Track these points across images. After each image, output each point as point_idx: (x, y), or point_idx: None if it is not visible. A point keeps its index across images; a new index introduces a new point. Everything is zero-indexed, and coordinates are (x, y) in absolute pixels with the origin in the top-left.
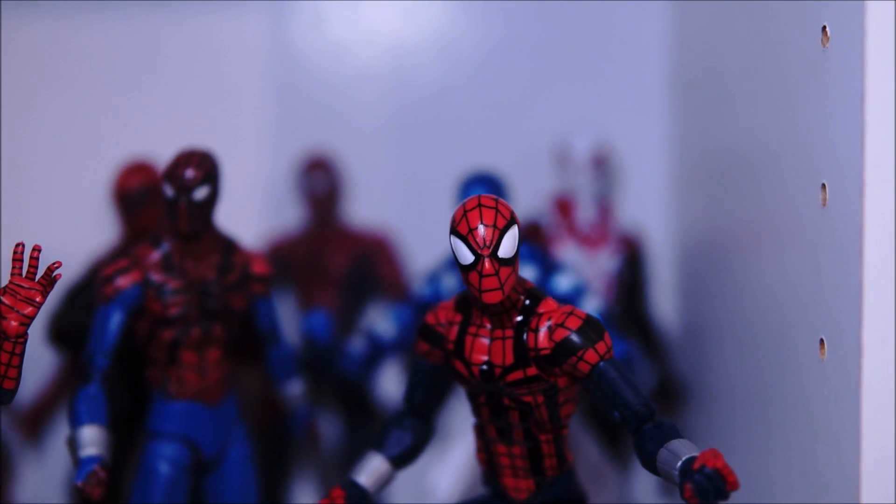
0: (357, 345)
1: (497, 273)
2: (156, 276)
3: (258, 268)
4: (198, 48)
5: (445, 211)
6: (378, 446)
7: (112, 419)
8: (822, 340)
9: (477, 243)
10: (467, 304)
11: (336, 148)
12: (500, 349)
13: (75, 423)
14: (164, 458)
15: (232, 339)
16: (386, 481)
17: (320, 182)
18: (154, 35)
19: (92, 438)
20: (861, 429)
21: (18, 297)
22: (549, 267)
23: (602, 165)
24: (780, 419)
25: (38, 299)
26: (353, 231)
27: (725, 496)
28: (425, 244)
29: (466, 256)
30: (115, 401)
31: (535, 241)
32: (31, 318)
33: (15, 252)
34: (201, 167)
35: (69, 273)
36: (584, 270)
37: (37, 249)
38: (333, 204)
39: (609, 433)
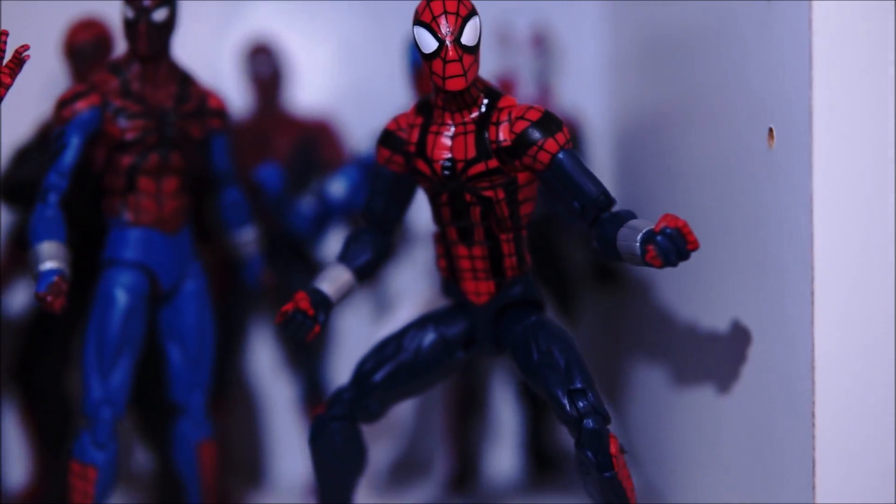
0: (308, 203)
1: (461, 59)
2: (114, 101)
3: (214, 102)
4: None
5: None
6: (340, 257)
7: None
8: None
9: (440, 30)
10: (428, 106)
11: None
12: (462, 144)
13: (34, 240)
14: (122, 286)
15: (189, 170)
16: (348, 291)
17: (264, 66)
18: None
19: (51, 253)
20: None
21: None
22: None
23: (542, 44)
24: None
25: (6, 81)
26: (296, 115)
27: (686, 255)
28: (367, 127)
29: (430, 44)
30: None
31: None
32: (0, 98)
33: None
34: None
35: (20, 134)
36: None
37: (5, 34)
38: (277, 88)
39: (537, 408)
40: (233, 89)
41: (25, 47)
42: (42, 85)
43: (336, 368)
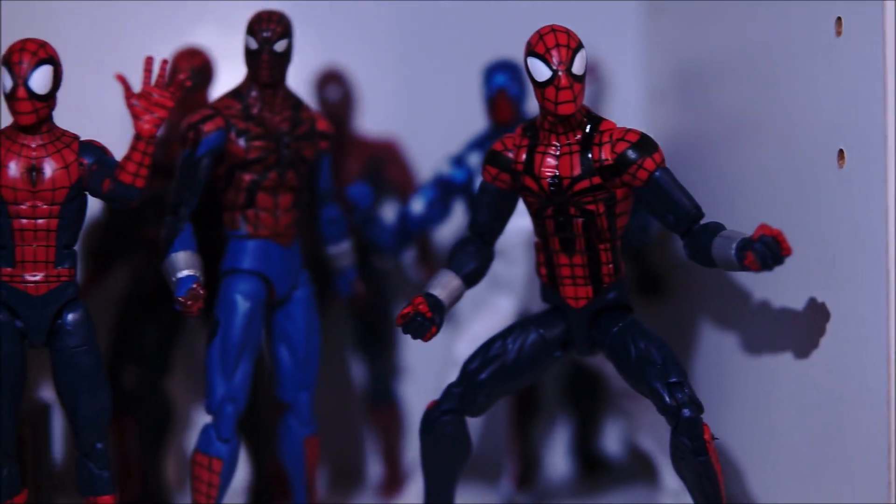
0: (389, 218)
1: (571, 87)
2: (237, 124)
3: (322, 125)
4: None
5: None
6: (449, 265)
7: None
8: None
9: (553, 60)
10: (534, 128)
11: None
12: (568, 163)
13: (170, 250)
14: (242, 293)
15: (302, 187)
16: (458, 297)
17: (335, 92)
18: None
19: (187, 262)
20: None
21: (151, 101)
22: None
23: (590, 74)
24: None
25: (168, 104)
26: (365, 138)
27: (781, 261)
28: (431, 148)
29: (543, 73)
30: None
31: None
32: (163, 119)
33: (146, 64)
34: (281, 23)
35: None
36: None
37: (165, 61)
38: (347, 113)
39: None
40: None
41: (187, 73)
42: None
43: (405, 370)
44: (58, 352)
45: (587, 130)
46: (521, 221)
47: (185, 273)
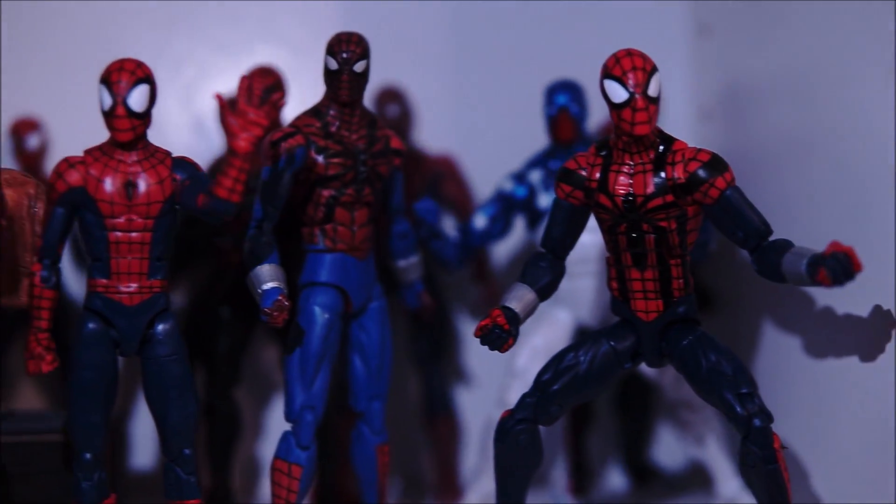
0: (454, 234)
1: (647, 108)
2: (318, 141)
3: (395, 143)
4: None
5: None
6: (523, 279)
7: None
8: None
9: (630, 83)
10: (607, 147)
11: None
12: (642, 181)
13: (254, 263)
14: (321, 305)
15: (377, 203)
16: (532, 309)
17: (394, 109)
18: None
19: (272, 274)
20: None
21: (247, 120)
22: None
23: None
24: None
25: (263, 123)
26: (422, 154)
27: (853, 276)
28: (486, 165)
29: (620, 95)
30: None
31: None
32: (258, 138)
33: (241, 83)
34: (360, 44)
35: None
36: None
37: (259, 81)
38: (407, 130)
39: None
40: None
41: (280, 94)
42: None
43: (465, 381)
44: (148, 360)
45: (660, 150)
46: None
47: (270, 285)
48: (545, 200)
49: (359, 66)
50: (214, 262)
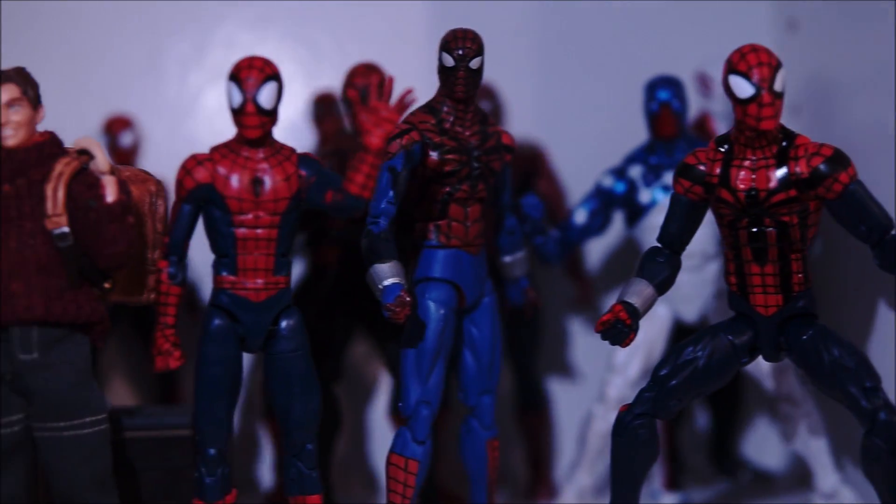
0: (555, 230)
1: (773, 104)
2: (433, 138)
3: (506, 139)
4: None
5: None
6: (641, 274)
7: None
8: None
9: (756, 78)
10: (728, 142)
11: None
12: (764, 176)
13: (374, 259)
14: (436, 300)
15: (489, 199)
16: (651, 304)
17: (483, 106)
18: None
19: (392, 270)
20: None
21: (379, 116)
22: None
23: None
24: None
25: (395, 119)
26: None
27: None
28: (576, 160)
29: (746, 90)
30: None
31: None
32: (390, 134)
33: (373, 80)
34: (476, 41)
35: None
36: None
37: (391, 79)
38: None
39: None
40: None
41: (410, 90)
42: None
43: (559, 375)
44: (273, 356)
45: (783, 145)
46: None
47: (391, 281)
48: (645, 196)
49: (474, 63)
50: (313, 258)
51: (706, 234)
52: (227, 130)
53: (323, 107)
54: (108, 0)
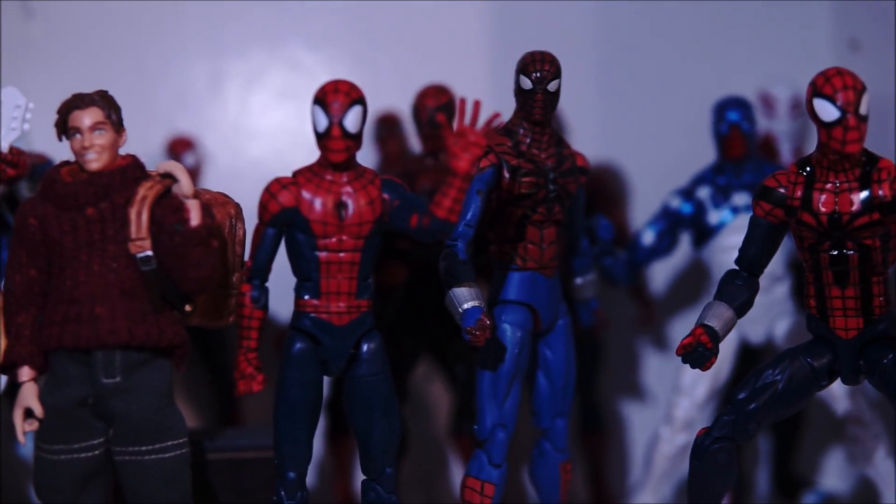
0: (623, 251)
1: (858, 127)
2: (510, 160)
3: (581, 161)
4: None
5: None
6: (720, 297)
7: None
8: None
9: (841, 101)
10: (809, 165)
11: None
12: (847, 199)
13: (452, 282)
14: (512, 322)
15: (564, 221)
16: (731, 327)
17: None
18: None
19: (471, 293)
20: None
21: (467, 140)
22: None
23: (798, 109)
24: None
25: (482, 142)
26: None
27: None
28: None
29: (832, 114)
30: None
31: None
32: (478, 157)
33: (460, 105)
34: (553, 64)
35: None
36: None
37: (478, 102)
38: None
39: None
40: None
41: (498, 115)
42: None
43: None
44: (353, 379)
45: (866, 168)
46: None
47: (470, 304)
48: (714, 217)
49: (552, 86)
50: (378, 279)
51: (774, 256)
52: (287, 151)
53: (386, 127)
54: (172, 22)
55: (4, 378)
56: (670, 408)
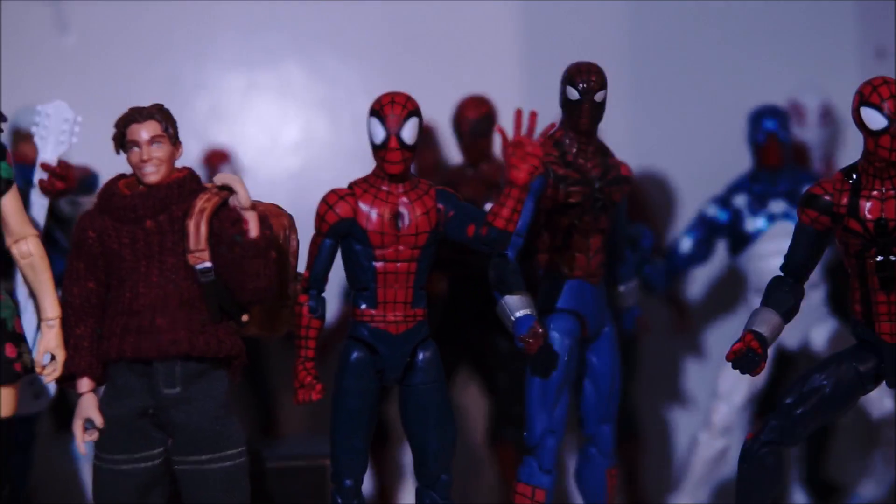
0: (661, 259)
1: None
2: (557, 170)
3: (625, 170)
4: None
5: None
6: (767, 303)
7: None
8: None
9: (889, 110)
10: (855, 172)
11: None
12: (893, 206)
13: (503, 290)
14: (561, 330)
15: (609, 230)
16: (778, 333)
17: None
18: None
19: (523, 301)
20: None
21: (525, 151)
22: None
23: (828, 118)
24: None
25: (539, 153)
26: None
27: None
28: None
29: (879, 122)
30: None
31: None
32: (536, 168)
33: (516, 116)
34: (599, 74)
35: None
36: None
37: (534, 113)
38: None
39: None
40: None
41: (554, 125)
42: None
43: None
44: (409, 388)
45: None
46: (776, 260)
47: (523, 312)
48: (751, 224)
49: (599, 96)
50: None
51: None
52: (323, 162)
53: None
54: (205, 34)
55: (50, 392)
56: (708, 413)
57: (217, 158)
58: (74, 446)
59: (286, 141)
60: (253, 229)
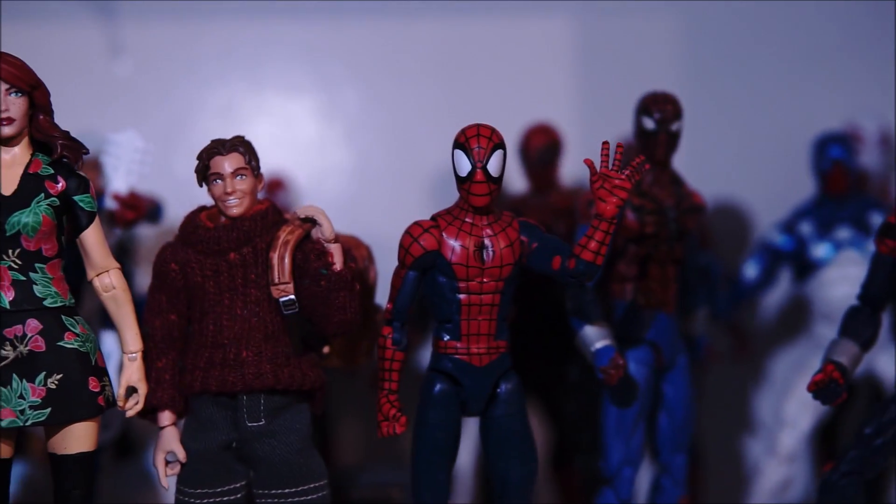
0: (725, 286)
1: None
2: (633, 200)
3: (697, 199)
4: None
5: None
6: (846, 334)
7: None
8: None
9: None
10: None
11: None
12: None
13: (584, 321)
14: (637, 360)
15: (684, 259)
16: (858, 363)
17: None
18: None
19: (602, 332)
20: None
21: (612, 184)
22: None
23: (887, 143)
24: None
25: (627, 186)
26: None
27: None
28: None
29: None
30: None
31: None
32: (624, 201)
33: (603, 148)
34: (675, 104)
35: None
36: None
37: (620, 145)
38: None
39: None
40: None
41: (642, 158)
42: None
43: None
44: (491, 419)
45: None
46: (842, 287)
47: (602, 343)
48: (816, 251)
49: (675, 126)
50: None
51: None
52: (382, 189)
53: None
54: (261, 59)
55: (115, 427)
56: (773, 440)
57: (274, 186)
58: (132, 477)
59: (342, 166)
60: (338, 262)
